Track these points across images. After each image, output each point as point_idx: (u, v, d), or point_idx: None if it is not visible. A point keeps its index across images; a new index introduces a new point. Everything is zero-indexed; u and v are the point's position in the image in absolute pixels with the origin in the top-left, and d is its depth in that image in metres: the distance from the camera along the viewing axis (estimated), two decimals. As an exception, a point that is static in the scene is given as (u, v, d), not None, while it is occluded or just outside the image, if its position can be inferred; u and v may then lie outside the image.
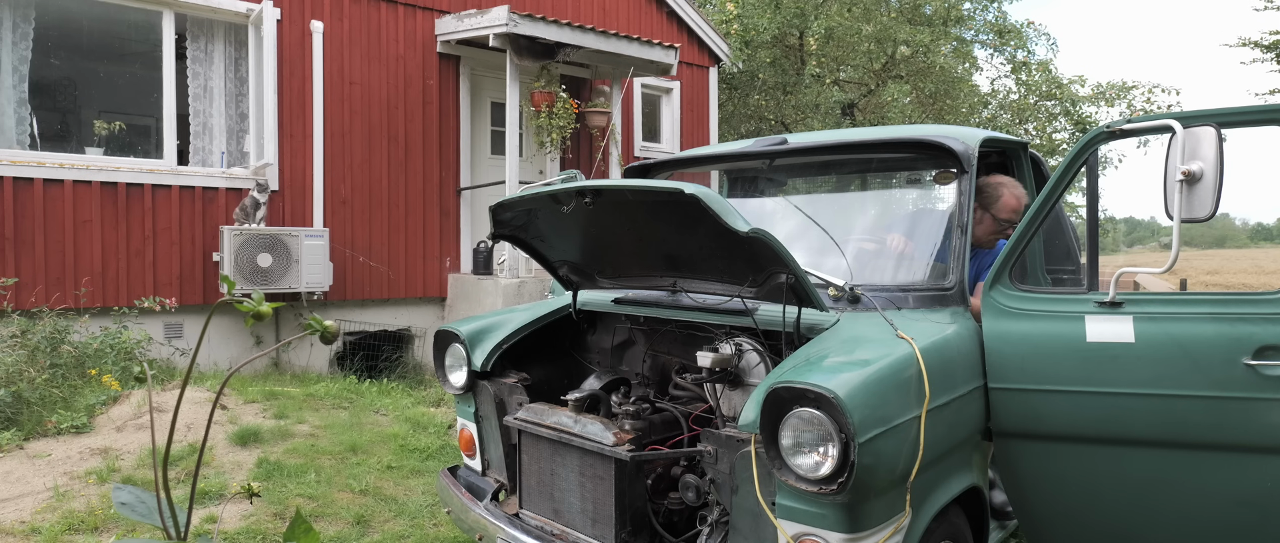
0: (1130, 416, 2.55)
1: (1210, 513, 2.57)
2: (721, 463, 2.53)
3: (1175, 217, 2.39)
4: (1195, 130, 2.37)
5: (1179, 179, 2.35)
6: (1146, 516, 2.66)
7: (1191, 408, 2.49)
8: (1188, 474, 2.55)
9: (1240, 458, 2.48)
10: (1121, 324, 2.57)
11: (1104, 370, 2.58)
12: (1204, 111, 2.44)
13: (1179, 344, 2.50)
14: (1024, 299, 2.76)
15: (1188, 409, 2.49)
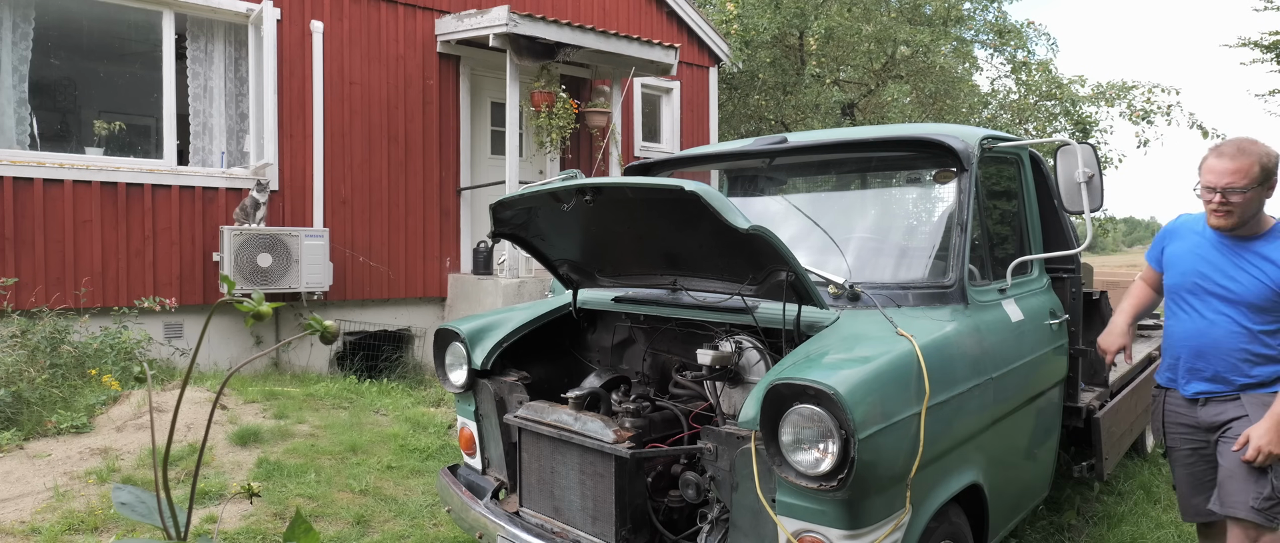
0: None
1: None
2: (722, 460, 2.53)
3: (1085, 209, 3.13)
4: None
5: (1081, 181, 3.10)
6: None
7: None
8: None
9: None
10: (1012, 306, 3.24)
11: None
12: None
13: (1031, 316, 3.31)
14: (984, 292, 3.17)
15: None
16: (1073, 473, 3.82)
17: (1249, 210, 2.70)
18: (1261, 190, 2.68)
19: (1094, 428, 3.64)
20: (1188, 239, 2.95)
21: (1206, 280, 2.83)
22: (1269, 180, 2.68)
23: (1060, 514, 4.26)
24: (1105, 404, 3.85)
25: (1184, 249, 2.94)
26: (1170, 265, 3.00)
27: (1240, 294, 2.75)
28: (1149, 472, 5.05)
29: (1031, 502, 3.57)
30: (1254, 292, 2.72)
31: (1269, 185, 2.69)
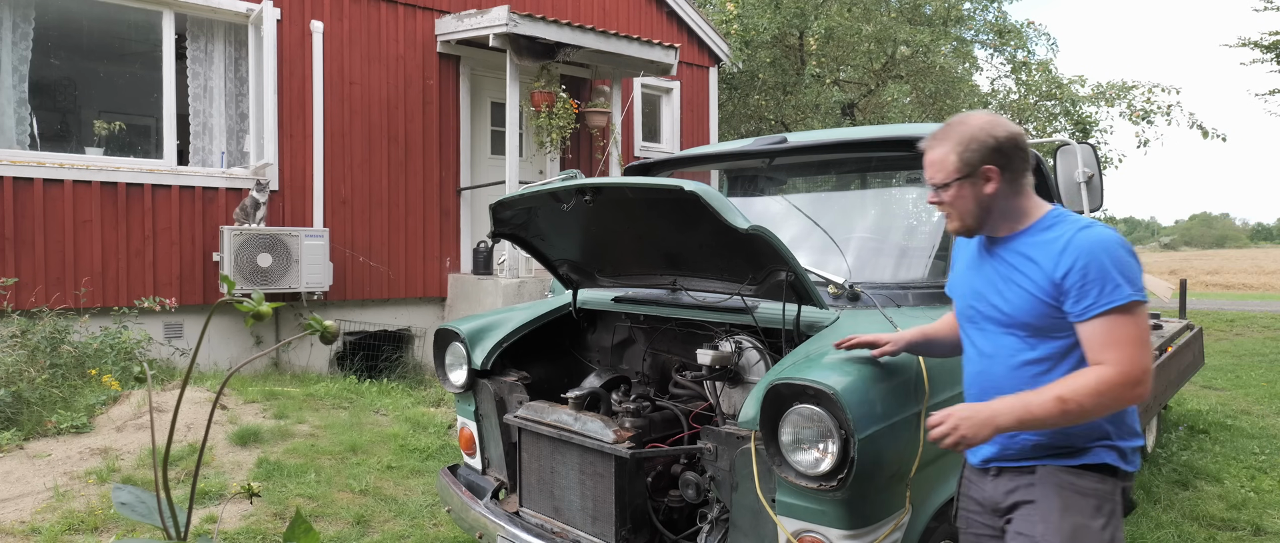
0: None
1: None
2: (721, 460, 2.53)
3: (1085, 209, 3.02)
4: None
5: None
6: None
7: None
8: None
9: None
10: None
11: None
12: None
13: None
14: None
15: None
16: (1073, 473, 3.81)
17: (968, 206, 1.96)
18: (971, 183, 1.93)
19: (1094, 428, 3.64)
20: (966, 252, 2.16)
21: (981, 300, 2.04)
22: (978, 169, 1.92)
23: (1060, 514, 4.26)
24: (1105, 404, 3.85)
25: (962, 266, 2.17)
26: (952, 289, 2.22)
27: (1012, 314, 1.95)
28: (1149, 472, 5.05)
29: (1031, 502, 3.57)
30: (1023, 307, 1.92)
31: (984, 176, 1.92)
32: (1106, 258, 1.82)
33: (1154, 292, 6.48)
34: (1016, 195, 1.95)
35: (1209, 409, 6.92)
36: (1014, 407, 1.85)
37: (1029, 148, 1.96)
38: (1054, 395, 1.81)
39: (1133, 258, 1.84)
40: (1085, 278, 1.82)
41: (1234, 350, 10.73)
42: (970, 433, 1.86)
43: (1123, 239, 1.86)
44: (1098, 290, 1.80)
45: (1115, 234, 1.87)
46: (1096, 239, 1.85)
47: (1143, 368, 1.80)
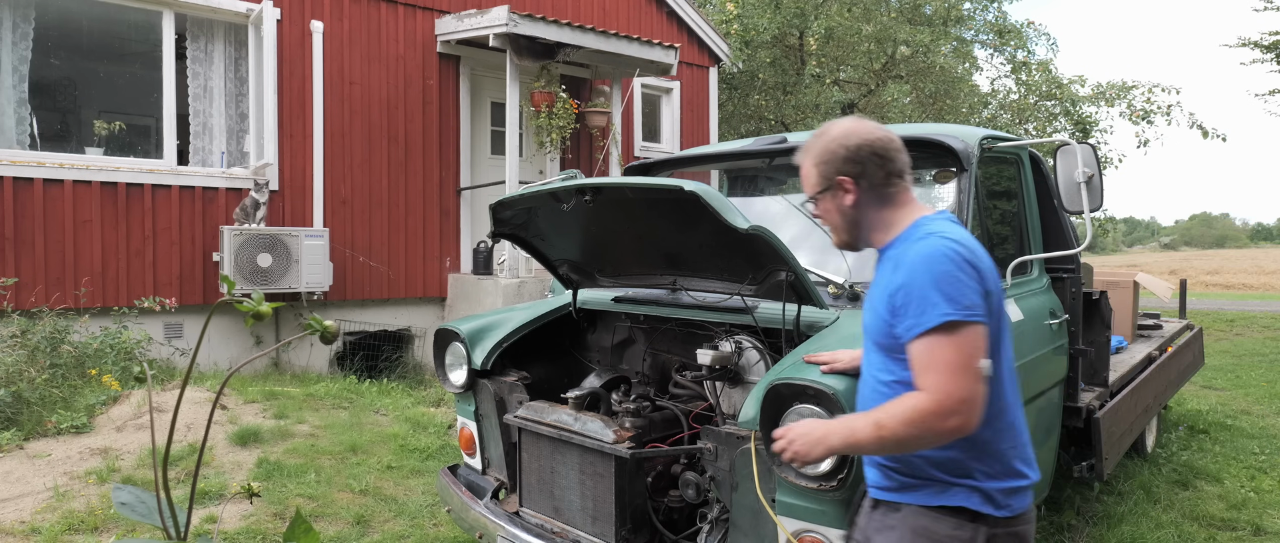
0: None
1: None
2: (721, 460, 2.53)
3: (1085, 209, 3.05)
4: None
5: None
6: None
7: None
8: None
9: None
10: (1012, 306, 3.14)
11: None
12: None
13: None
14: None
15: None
16: (1073, 473, 3.82)
17: (835, 219, 1.86)
18: (832, 196, 1.83)
19: (1094, 428, 3.64)
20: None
21: (865, 313, 1.89)
22: (834, 181, 1.81)
23: (1060, 514, 4.26)
24: (1105, 404, 3.85)
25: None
26: None
27: (869, 331, 1.83)
28: (1149, 472, 5.05)
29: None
30: (873, 325, 1.80)
31: (841, 187, 1.80)
32: (926, 274, 1.64)
33: (1154, 292, 6.47)
34: (883, 205, 1.81)
35: (1209, 409, 6.92)
36: (843, 427, 1.73)
37: (893, 153, 1.79)
38: (873, 419, 1.67)
39: (963, 272, 1.63)
40: (908, 296, 1.65)
41: (1234, 350, 10.73)
42: (803, 450, 1.76)
43: (955, 250, 1.64)
44: (916, 310, 1.63)
45: (946, 245, 1.66)
46: (921, 253, 1.66)
47: (956, 398, 1.58)
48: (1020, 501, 1.73)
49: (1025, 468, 1.76)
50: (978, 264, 1.66)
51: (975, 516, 1.70)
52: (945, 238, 1.67)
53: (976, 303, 1.62)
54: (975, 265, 1.65)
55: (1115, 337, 5.08)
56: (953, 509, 1.71)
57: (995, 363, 1.69)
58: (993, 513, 1.70)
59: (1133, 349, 5.16)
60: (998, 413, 1.71)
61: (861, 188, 1.79)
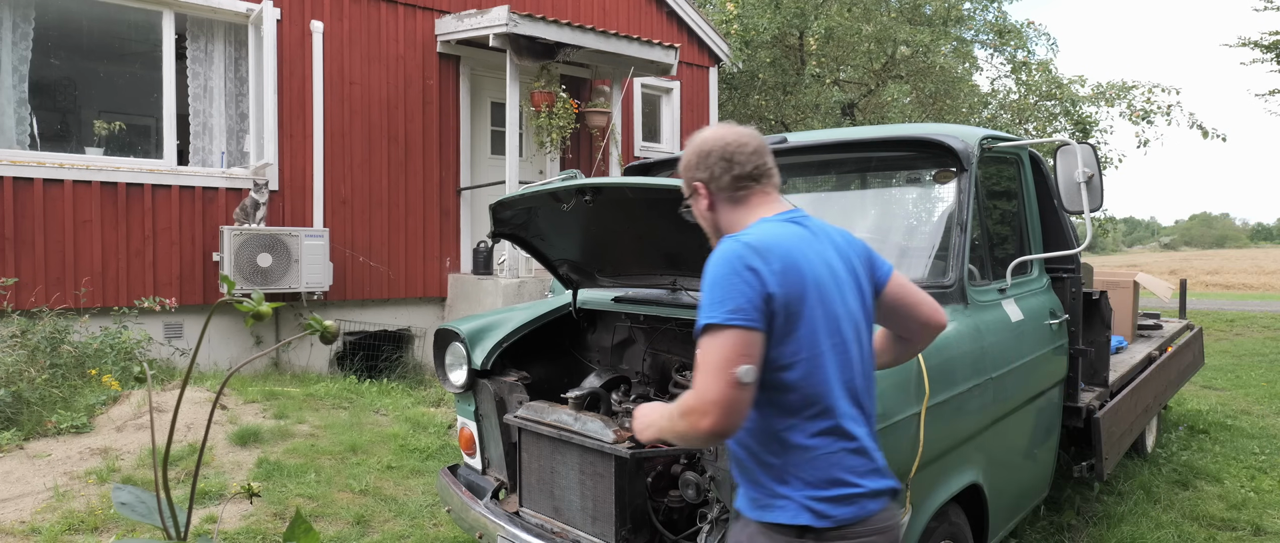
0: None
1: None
2: (722, 460, 2.53)
3: (1085, 209, 3.08)
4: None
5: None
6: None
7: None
8: None
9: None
10: (1012, 306, 3.21)
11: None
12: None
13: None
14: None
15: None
16: (1073, 473, 3.82)
17: (704, 224, 1.91)
18: (696, 201, 1.87)
19: (1094, 428, 3.64)
20: None
21: None
22: (692, 186, 1.86)
23: (1060, 514, 4.26)
24: (1105, 404, 3.85)
25: None
26: None
27: None
28: (1149, 472, 5.05)
29: (1031, 502, 3.57)
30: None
31: (697, 192, 1.85)
32: (708, 277, 1.65)
33: (1154, 292, 6.47)
34: (734, 207, 1.81)
35: (1209, 409, 6.92)
36: (660, 414, 1.73)
37: (742, 157, 1.78)
38: (669, 411, 1.68)
39: (738, 276, 1.60)
40: (700, 299, 1.66)
41: (1234, 350, 10.73)
42: (637, 430, 1.81)
43: (739, 253, 1.63)
44: (700, 313, 1.63)
45: (734, 247, 1.65)
46: (713, 257, 1.67)
47: (707, 400, 1.56)
48: (848, 509, 1.66)
49: (854, 479, 1.67)
50: (763, 267, 1.61)
51: (800, 531, 1.66)
52: (740, 240, 1.66)
53: (745, 307, 1.58)
54: (758, 269, 1.61)
55: (1115, 337, 5.08)
56: (775, 526, 1.68)
57: (795, 365, 1.65)
58: (815, 526, 1.65)
59: (1133, 349, 5.16)
60: (816, 416, 1.67)
61: (712, 191, 1.82)
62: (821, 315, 1.67)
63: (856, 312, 1.76)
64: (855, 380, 1.73)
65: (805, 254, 1.69)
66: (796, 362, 1.65)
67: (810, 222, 1.79)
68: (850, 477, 1.67)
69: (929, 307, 1.93)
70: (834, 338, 1.68)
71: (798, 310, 1.64)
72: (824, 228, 1.82)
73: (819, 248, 1.74)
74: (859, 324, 1.76)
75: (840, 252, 1.79)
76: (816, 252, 1.72)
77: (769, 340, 1.62)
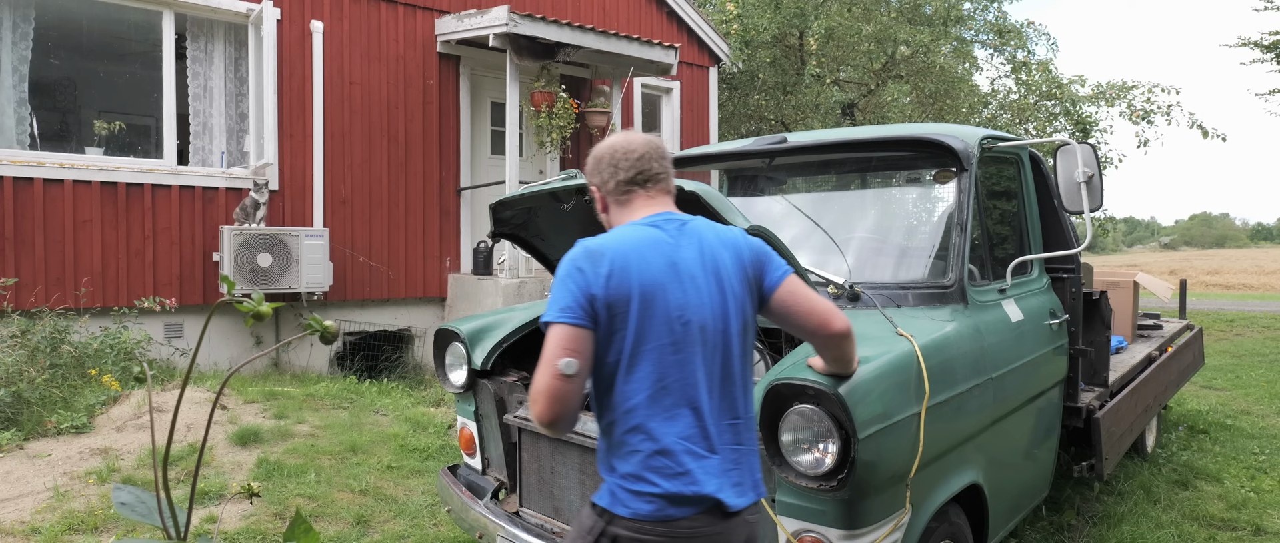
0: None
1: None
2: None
3: (1085, 209, 3.10)
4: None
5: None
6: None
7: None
8: None
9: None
10: (1012, 306, 3.22)
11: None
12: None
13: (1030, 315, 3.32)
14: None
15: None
16: (1073, 473, 3.82)
17: (605, 226, 2.01)
18: (596, 205, 2.01)
19: (1094, 428, 3.64)
20: None
21: None
22: (591, 191, 2.00)
23: (1060, 514, 4.26)
24: (1105, 404, 3.85)
25: None
26: None
27: None
28: (1149, 472, 5.05)
29: (1031, 502, 3.57)
30: None
31: (594, 196, 1.99)
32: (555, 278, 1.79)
33: (1154, 292, 6.47)
34: (619, 210, 1.92)
35: (1209, 409, 6.92)
36: None
37: (627, 162, 1.87)
38: None
39: (570, 276, 1.71)
40: None
41: (1234, 350, 10.73)
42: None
43: (569, 256, 1.75)
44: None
45: (575, 250, 1.76)
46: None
47: (536, 389, 1.68)
48: (645, 506, 1.70)
49: (655, 479, 1.70)
50: (589, 269, 1.70)
51: (603, 511, 1.75)
52: (582, 244, 1.76)
53: (571, 305, 1.68)
54: (584, 270, 1.70)
55: (1115, 337, 5.08)
56: (592, 504, 1.79)
57: (618, 363, 1.72)
58: (612, 510, 1.72)
59: (1133, 349, 5.16)
60: (627, 413, 1.72)
61: (604, 194, 1.93)
62: (651, 317, 1.71)
63: (712, 315, 1.76)
64: (693, 381, 1.74)
65: (644, 257, 1.73)
66: (618, 360, 1.72)
67: (670, 226, 1.81)
68: (651, 476, 1.71)
69: (818, 316, 1.88)
70: (666, 339, 1.71)
71: (622, 311, 1.70)
72: (696, 231, 1.83)
73: (668, 251, 1.76)
74: (708, 326, 1.75)
75: (708, 255, 1.79)
76: (662, 255, 1.75)
77: (599, 338, 1.71)
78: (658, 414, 1.72)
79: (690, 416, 1.73)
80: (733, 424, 1.79)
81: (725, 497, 1.72)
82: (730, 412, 1.79)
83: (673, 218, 1.84)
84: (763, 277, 1.85)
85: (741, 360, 1.82)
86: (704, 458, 1.72)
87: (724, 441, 1.76)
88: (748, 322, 1.84)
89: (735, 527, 1.75)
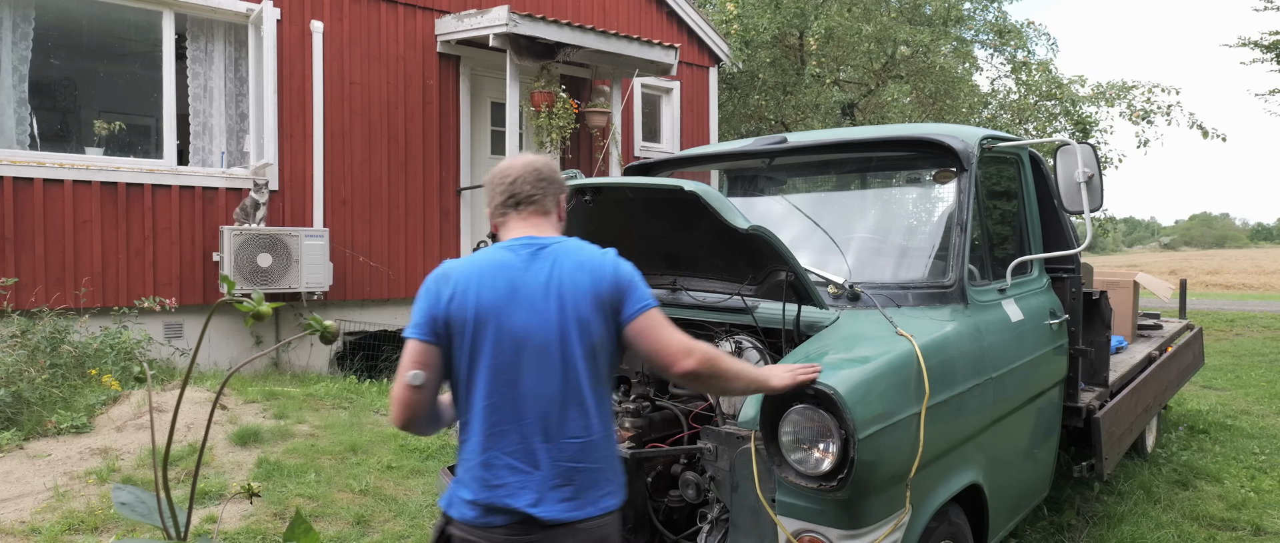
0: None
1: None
2: (721, 460, 2.53)
3: (1085, 209, 3.10)
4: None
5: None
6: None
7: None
8: None
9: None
10: (1012, 306, 3.22)
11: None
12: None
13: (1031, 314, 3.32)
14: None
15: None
16: (1073, 473, 3.82)
17: None
18: None
19: (1094, 428, 3.64)
20: None
21: None
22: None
23: (1060, 514, 4.26)
24: (1105, 404, 3.85)
25: None
26: None
27: None
28: (1149, 472, 5.05)
29: (1031, 502, 3.57)
30: None
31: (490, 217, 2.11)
32: None
33: (1154, 292, 6.47)
34: (501, 230, 2.02)
35: (1209, 409, 6.92)
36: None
37: (501, 186, 1.98)
38: None
39: (422, 294, 1.87)
40: None
41: (1234, 350, 10.73)
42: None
43: (432, 273, 1.90)
44: None
45: (434, 269, 1.92)
46: None
47: (391, 397, 1.89)
48: (468, 511, 1.83)
49: (478, 488, 1.82)
50: (437, 289, 1.84)
51: (443, 511, 1.91)
52: (442, 264, 1.92)
53: (421, 322, 1.84)
54: (432, 290, 1.85)
55: (1115, 337, 5.08)
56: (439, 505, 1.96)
57: (459, 379, 1.85)
58: (447, 512, 1.88)
59: (1133, 349, 5.16)
60: (464, 424, 1.88)
61: (491, 215, 2.02)
62: (485, 338, 1.80)
63: (548, 338, 1.80)
64: (520, 400, 1.81)
65: (486, 281, 1.82)
66: (459, 376, 1.85)
67: (524, 251, 1.87)
68: (474, 485, 1.84)
69: (665, 355, 1.86)
70: (499, 359, 1.80)
71: (460, 331, 1.82)
72: (553, 255, 1.87)
73: (513, 275, 1.83)
74: (543, 349, 1.80)
75: (556, 279, 1.83)
76: (506, 279, 1.83)
77: (445, 353, 1.84)
78: (486, 429, 1.82)
79: (515, 432, 1.81)
80: (574, 442, 1.82)
81: (541, 511, 1.78)
82: (570, 430, 1.82)
83: (531, 242, 1.89)
84: (621, 307, 1.86)
85: (591, 381, 1.84)
86: (525, 473, 1.80)
87: (555, 457, 1.81)
88: (595, 345, 1.84)
89: (559, 536, 1.80)
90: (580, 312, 1.82)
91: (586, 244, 1.94)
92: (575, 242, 1.92)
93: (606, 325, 1.85)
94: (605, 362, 1.88)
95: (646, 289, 1.90)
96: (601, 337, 1.85)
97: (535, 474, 1.80)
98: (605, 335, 1.86)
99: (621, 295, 1.86)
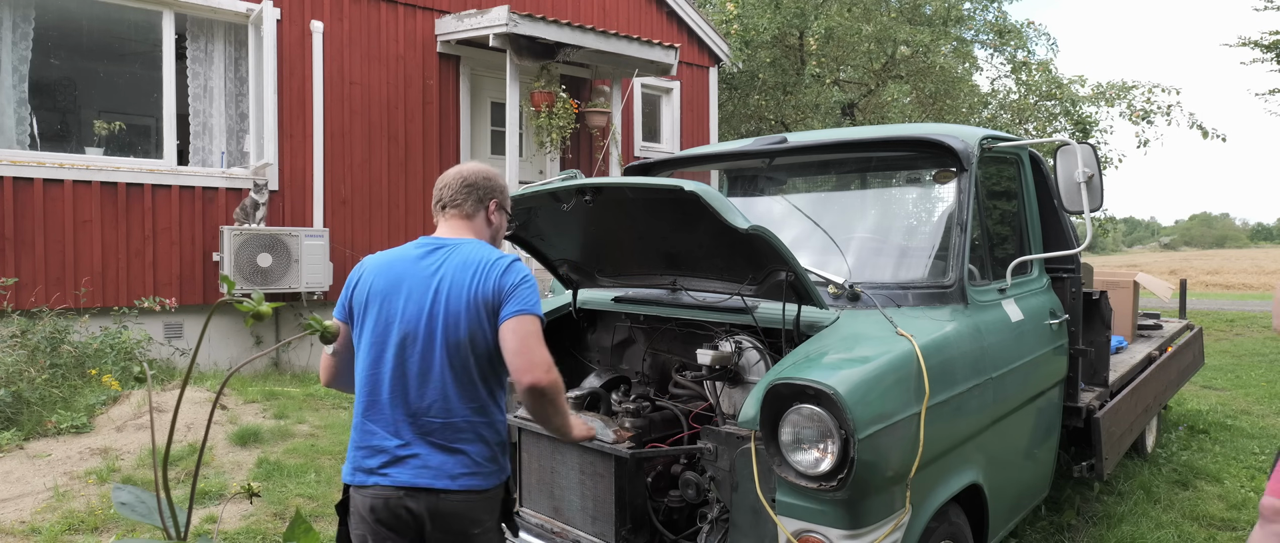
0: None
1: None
2: (721, 460, 2.53)
3: (1085, 209, 3.10)
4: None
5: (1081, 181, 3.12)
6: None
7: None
8: None
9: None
10: (1012, 306, 3.22)
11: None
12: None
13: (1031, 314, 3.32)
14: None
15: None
16: (1073, 473, 3.82)
17: None
18: None
19: (1094, 428, 3.64)
20: None
21: None
22: None
23: (1060, 514, 4.26)
24: (1105, 404, 3.85)
25: None
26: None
27: None
28: (1149, 472, 5.05)
29: (1031, 502, 3.57)
30: None
31: None
32: None
33: (1154, 292, 6.47)
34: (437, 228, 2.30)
35: (1209, 409, 6.92)
36: None
37: (436, 190, 2.27)
38: None
39: (347, 279, 2.19)
40: None
41: (1234, 350, 10.73)
42: None
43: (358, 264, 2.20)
44: None
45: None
46: None
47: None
48: (351, 475, 2.08)
49: (355, 454, 2.08)
50: (355, 274, 2.17)
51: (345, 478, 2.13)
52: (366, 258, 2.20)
53: (341, 302, 2.18)
54: (352, 275, 2.18)
55: (1115, 337, 5.08)
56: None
57: (359, 356, 2.09)
58: (344, 478, 2.11)
59: (1133, 349, 5.16)
60: (356, 399, 2.11)
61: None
62: (369, 322, 2.07)
63: (417, 326, 2.02)
64: (383, 378, 2.04)
65: (382, 271, 2.12)
66: (357, 353, 2.11)
67: (424, 247, 2.12)
68: (354, 452, 2.09)
69: (515, 366, 1.98)
70: (381, 343, 2.05)
71: (358, 310, 2.12)
72: (448, 254, 2.09)
73: (404, 268, 2.09)
74: (411, 334, 2.02)
75: (443, 274, 2.04)
76: (397, 271, 2.09)
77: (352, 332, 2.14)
78: (364, 399, 2.07)
79: (382, 407, 2.04)
80: (434, 421, 2.01)
81: (403, 476, 2.00)
82: (430, 409, 2.01)
83: (435, 242, 2.14)
84: (500, 308, 2.01)
85: (455, 369, 2.01)
86: (389, 440, 2.02)
87: (415, 432, 2.01)
88: (462, 338, 2.00)
89: (421, 500, 1.99)
90: (456, 305, 2.00)
91: (487, 248, 2.13)
92: (476, 243, 2.12)
93: (480, 322, 2.00)
94: (476, 355, 2.02)
95: (533, 298, 2.03)
96: (472, 332, 2.00)
97: (394, 443, 2.02)
98: (478, 331, 2.01)
99: (502, 298, 2.01)
